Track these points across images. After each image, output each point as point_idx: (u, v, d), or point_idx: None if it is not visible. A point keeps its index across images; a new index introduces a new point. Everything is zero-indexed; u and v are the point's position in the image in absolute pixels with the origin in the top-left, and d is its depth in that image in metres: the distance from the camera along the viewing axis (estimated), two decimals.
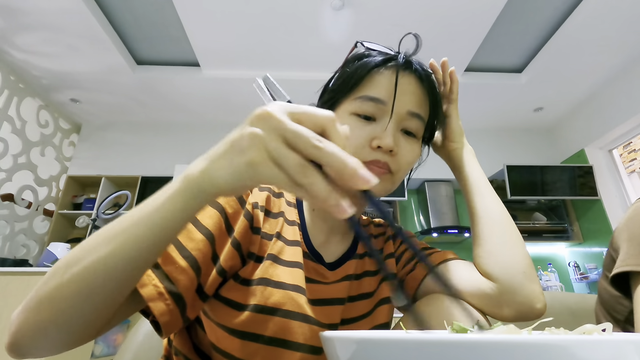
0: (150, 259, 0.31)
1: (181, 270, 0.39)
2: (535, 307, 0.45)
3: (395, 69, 0.49)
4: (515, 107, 3.28)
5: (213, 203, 0.45)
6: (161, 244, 0.31)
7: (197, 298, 0.42)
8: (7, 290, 1.73)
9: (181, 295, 0.39)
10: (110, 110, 3.35)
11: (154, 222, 0.29)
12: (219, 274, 0.43)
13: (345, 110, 0.50)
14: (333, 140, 0.26)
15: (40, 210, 3.01)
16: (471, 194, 0.55)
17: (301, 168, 0.24)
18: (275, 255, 0.47)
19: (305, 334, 0.44)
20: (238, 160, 0.26)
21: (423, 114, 0.51)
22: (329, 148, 0.24)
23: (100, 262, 0.29)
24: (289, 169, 0.24)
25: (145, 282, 0.37)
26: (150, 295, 0.37)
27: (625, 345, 0.18)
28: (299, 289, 0.46)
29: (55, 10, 2.19)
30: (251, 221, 0.47)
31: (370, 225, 0.65)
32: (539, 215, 3.29)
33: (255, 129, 0.25)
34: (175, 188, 0.29)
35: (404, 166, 0.50)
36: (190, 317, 0.41)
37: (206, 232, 0.43)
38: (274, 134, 0.24)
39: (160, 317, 0.37)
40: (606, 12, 2.21)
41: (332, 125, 0.26)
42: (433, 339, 0.20)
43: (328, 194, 0.24)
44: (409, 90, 0.49)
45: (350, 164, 0.24)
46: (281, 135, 0.24)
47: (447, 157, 0.60)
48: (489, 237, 0.51)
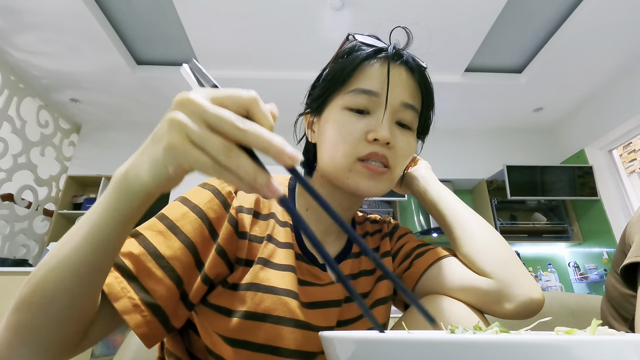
0: (96, 265, 0.31)
1: (157, 280, 0.38)
2: (534, 297, 0.44)
3: (386, 61, 0.49)
4: (515, 107, 3.28)
5: (194, 208, 0.44)
6: (103, 249, 0.30)
7: (182, 307, 0.41)
8: (7, 290, 1.73)
9: (159, 306, 0.38)
10: (110, 110, 3.35)
11: (90, 228, 0.29)
12: (203, 282, 0.42)
13: (337, 105, 0.49)
14: (257, 120, 0.25)
15: (40, 210, 3.01)
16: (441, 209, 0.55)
17: (226, 150, 0.24)
18: (266, 259, 0.46)
19: (297, 340, 0.43)
20: (157, 147, 0.26)
21: (416, 105, 0.50)
22: (253, 129, 0.24)
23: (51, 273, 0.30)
24: (213, 152, 0.23)
25: (120, 295, 0.36)
26: (125, 308, 0.36)
27: (625, 345, 0.18)
28: (290, 294, 0.45)
29: (55, 10, 2.19)
30: (236, 226, 0.46)
31: (366, 223, 0.63)
32: (539, 215, 3.29)
33: (173, 114, 0.24)
34: (107, 191, 0.30)
35: (401, 159, 0.49)
36: (176, 326, 0.41)
37: (185, 239, 0.41)
38: (195, 118, 0.24)
39: (137, 329, 0.36)
40: (606, 13, 2.21)
41: (256, 106, 0.25)
42: (433, 339, 0.20)
43: (255, 174, 0.24)
44: (401, 82, 0.48)
45: (275, 142, 0.24)
46: (203, 119, 0.24)
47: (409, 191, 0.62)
48: (474, 237, 0.50)
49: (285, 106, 0.27)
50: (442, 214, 0.55)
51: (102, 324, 0.37)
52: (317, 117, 0.54)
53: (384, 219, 0.66)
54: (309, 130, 0.56)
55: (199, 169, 0.24)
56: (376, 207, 3.25)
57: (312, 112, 0.55)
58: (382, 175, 0.47)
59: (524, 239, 3.20)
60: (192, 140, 0.24)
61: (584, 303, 0.87)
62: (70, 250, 0.30)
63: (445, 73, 2.84)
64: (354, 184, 0.47)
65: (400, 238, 0.61)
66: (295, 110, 0.59)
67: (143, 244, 0.40)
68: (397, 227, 0.64)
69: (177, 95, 0.25)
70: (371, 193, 0.48)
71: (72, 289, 0.30)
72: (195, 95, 0.25)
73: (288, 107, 0.71)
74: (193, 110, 0.24)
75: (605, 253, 2.96)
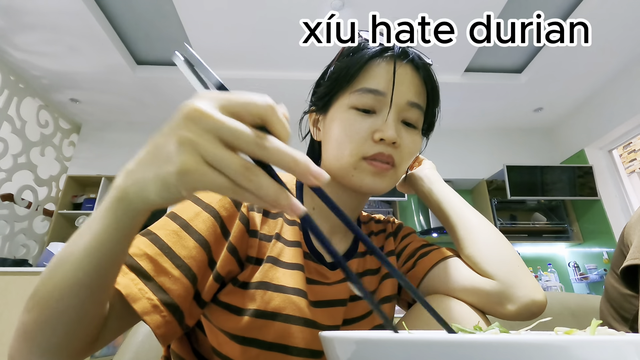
0: (100, 278, 0.29)
1: (175, 280, 0.38)
2: (536, 299, 0.44)
3: (392, 59, 0.49)
4: (515, 107, 3.28)
5: (206, 207, 0.44)
6: (106, 263, 0.29)
7: (195, 305, 0.41)
8: (7, 290, 1.73)
9: (177, 306, 0.38)
10: (110, 110, 3.35)
11: (89, 245, 0.28)
12: (215, 280, 0.42)
13: (344, 104, 0.49)
14: (275, 132, 0.23)
15: (40, 210, 3.01)
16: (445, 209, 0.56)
17: (244, 170, 0.21)
18: (275, 258, 0.46)
19: (306, 338, 0.44)
20: (167, 170, 0.23)
21: (422, 104, 0.50)
22: (275, 146, 0.22)
23: (56, 288, 0.29)
24: (231, 173, 0.21)
25: (138, 296, 0.36)
26: (145, 309, 0.36)
27: (625, 345, 0.18)
28: (299, 292, 0.45)
29: (55, 10, 2.19)
30: (247, 224, 0.46)
31: (371, 222, 0.64)
32: (539, 215, 3.29)
33: (183, 132, 0.22)
34: (106, 206, 0.27)
35: (406, 158, 0.49)
36: (189, 325, 0.41)
37: (199, 238, 0.41)
38: (208, 136, 0.21)
39: (157, 329, 0.36)
40: (606, 13, 2.21)
41: (274, 115, 0.23)
42: (433, 339, 0.20)
43: (278, 194, 0.22)
44: (407, 80, 0.48)
45: (301, 162, 0.22)
46: (217, 136, 0.21)
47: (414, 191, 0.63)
48: (477, 238, 0.51)
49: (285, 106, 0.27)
50: (446, 215, 0.55)
51: (115, 325, 0.37)
52: (322, 115, 0.54)
53: (388, 219, 0.66)
54: (313, 128, 0.57)
55: (216, 191, 0.22)
56: (376, 207, 3.25)
57: (317, 110, 0.55)
58: (387, 172, 0.48)
59: (524, 239, 3.20)
60: (207, 162, 0.22)
61: (584, 303, 0.87)
62: (74, 269, 0.29)
63: (445, 73, 2.83)
64: (358, 181, 0.48)
65: (404, 238, 0.61)
66: (295, 110, 0.59)
67: (158, 245, 0.40)
68: (401, 227, 0.64)
69: (182, 104, 0.23)
70: (376, 190, 0.48)
71: (79, 307, 0.30)
72: (204, 106, 0.22)
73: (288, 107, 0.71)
74: (206, 126, 0.22)
75: (605, 253, 2.96)
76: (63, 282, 0.29)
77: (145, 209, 0.26)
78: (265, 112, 0.23)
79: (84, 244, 0.28)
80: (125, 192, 0.26)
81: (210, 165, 0.22)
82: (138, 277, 0.37)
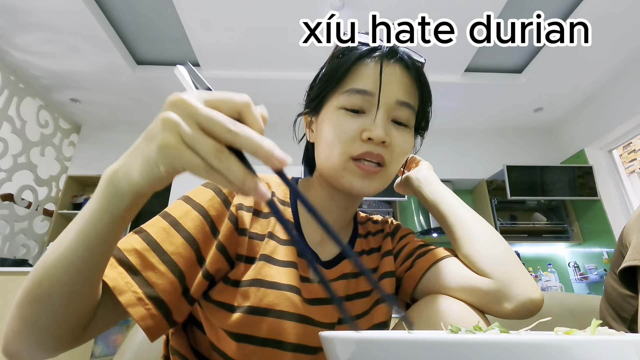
0: (91, 262, 0.32)
1: (160, 274, 0.39)
2: (533, 297, 0.44)
3: (379, 59, 0.49)
4: (515, 107, 3.28)
5: (196, 206, 0.45)
6: (96, 248, 0.31)
7: (184, 302, 0.42)
8: (7, 290, 1.73)
9: (162, 300, 0.39)
10: (110, 110, 3.35)
11: (83, 228, 0.30)
12: (204, 277, 0.43)
13: (333, 105, 0.49)
14: (249, 123, 0.26)
15: (40, 210, 3.01)
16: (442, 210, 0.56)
17: (217, 152, 0.24)
18: (268, 256, 0.47)
19: (300, 334, 0.44)
20: (149, 147, 0.26)
21: (412, 103, 0.50)
22: (244, 131, 0.24)
23: (49, 271, 0.31)
24: (205, 154, 0.24)
25: (124, 289, 0.37)
26: (129, 302, 0.37)
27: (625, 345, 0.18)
28: (293, 289, 0.45)
29: (55, 10, 2.19)
30: (236, 223, 0.47)
31: (369, 222, 0.64)
32: (539, 215, 3.29)
33: (167, 114, 0.25)
34: (97, 191, 0.30)
35: (397, 157, 0.49)
36: (178, 321, 0.41)
37: (187, 235, 0.42)
38: (188, 119, 0.24)
39: (141, 321, 0.37)
40: (606, 13, 2.21)
41: (248, 109, 0.26)
42: (434, 339, 0.20)
43: (244, 177, 0.25)
44: (395, 79, 0.49)
45: (265, 145, 0.24)
46: (195, 120, 0.24)
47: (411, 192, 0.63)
48: (474, 237, 0.51)
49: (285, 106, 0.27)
50: (444, 215, 0.55)
51: (104, 316, 0.38)
52: (315, 117, 0.54)
53: (386, 219, 0.66)
54: (307, 130, 0.57)
55: (190, 170, 0.25)
56: (376, 207, 3.25)
57: (310, 112, 0.56)
58: (376, 174, 0.48)
59: (523, 239, 3.20)
60: (185, 141, 0.24)
61: (584, 303, 0.87)
62: (65, 249, 0.31)
63: (445, 73, 2.83)
64: (347, 183, 0.48)
65: (402, 238, 0.61)
66: (295, 110, 0.60)
67: (146, 240, 0.41)
68: (399, 227, 0.65)
69: (171, 95, 0.26)
70: (365, 192, 0.49)
71: (69, 286, 0.32)
72: (188, 97, 0.25)
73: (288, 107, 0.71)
74: (186, 111, 0.25)
75: (605, 253, 2.96)
76: (56, 261, 0.31)
77: (130, 191, 0.29)
78: (241, 106, 0.26)
79: (77, 226, 0.31)
80: (115, 174, 0.29)
81: (187, 146, 0.24)
82: (126, 270, 0.39)
